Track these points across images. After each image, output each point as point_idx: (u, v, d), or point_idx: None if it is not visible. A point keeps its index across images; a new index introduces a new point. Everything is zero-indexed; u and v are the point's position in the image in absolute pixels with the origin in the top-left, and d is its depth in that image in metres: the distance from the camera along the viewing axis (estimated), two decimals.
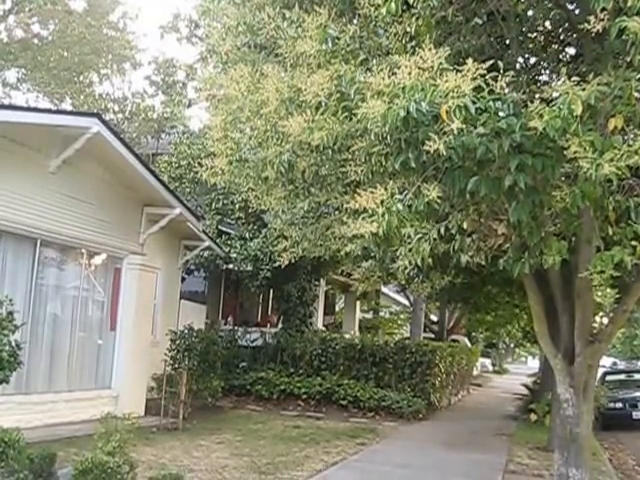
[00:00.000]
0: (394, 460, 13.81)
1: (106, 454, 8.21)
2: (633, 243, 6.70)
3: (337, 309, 37.45)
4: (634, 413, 23.92)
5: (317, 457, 13.30)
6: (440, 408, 23.27)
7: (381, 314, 41.18)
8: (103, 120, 14.56)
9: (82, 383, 15.45)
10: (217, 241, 21.26)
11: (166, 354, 16.85)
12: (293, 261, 11.55)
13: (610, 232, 7.21)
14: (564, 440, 8.78)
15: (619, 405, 23.84)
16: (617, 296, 8.44)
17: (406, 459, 14.03)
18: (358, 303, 34.09)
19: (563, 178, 6.49)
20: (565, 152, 5.76)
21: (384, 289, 35.23)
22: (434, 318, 39.29)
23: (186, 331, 17.45)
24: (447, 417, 22.59)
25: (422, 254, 6.96)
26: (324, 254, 11.45)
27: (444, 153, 5.84)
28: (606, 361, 53.08)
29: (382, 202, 6.17)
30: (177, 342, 17.21)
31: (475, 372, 41.74)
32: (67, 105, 33.73)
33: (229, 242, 22.16)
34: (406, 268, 7.50)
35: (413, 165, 6.24)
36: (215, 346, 18.04)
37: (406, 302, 36.86)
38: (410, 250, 6.98)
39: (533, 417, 20.84)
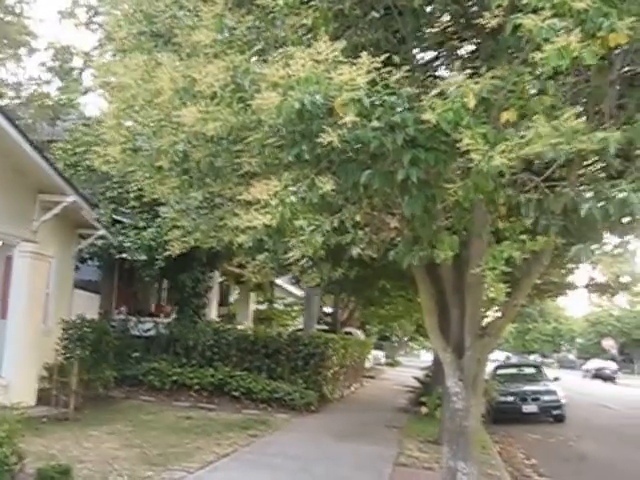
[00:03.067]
0: (286, 452, 13.82)
1: None
2: (522, 237, 6.83)
3: (231, 300, 37.27)
4: (524, 407, 24.66)
5: (208, 448, 13.18)
6: (333, 400, 23.40)
7: (275, 306, 41.20)
8: None
9: None
10: (111, 230, 20.91)
11: (58, 343, 16.49)
12: (186, 251, 11.40)
13: (500, 226, 7.34)
14: (453, 433, 8.87)
15: (510, 399, 24.36)
16: (508, 290, 8.61)
17: (298, 451, 14.05)
18: (252, 294, 34.01)
19: (457, 172, 6.55)
20: (458, 145, 5.79)
21: (278, 281, 35.17)
22: (328, 310, 39.49)
23: (78, 320, 17.10)
24: (339, 409, 22.72)
25: (314, 246, 6.94)
26: (217, 245, 11.34)
27: (338, 146, 5.82)
28: (499, 355, 54.37)
29: (276, 194, 6.12)
30: (69, 331, 16.87)
31: (368, 364, 42.10)
32: None
33: (123, 231, 21.73)
34: (299, 260, 7.46)
35: (307, 157, 6.19)
36: (107, 336, 17.74)
37: (300, 294, 36.93)
38: (303, 242, 6.95)
39: (424, 410, 21.09)
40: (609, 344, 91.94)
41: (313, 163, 6.45)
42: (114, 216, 22.48)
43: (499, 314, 9.48)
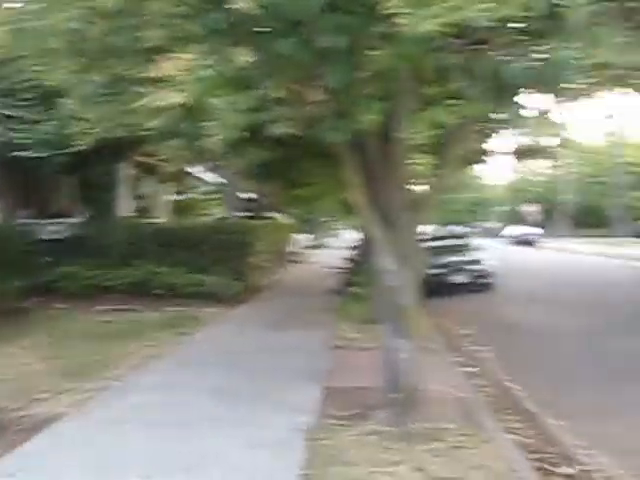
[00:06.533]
0: (219, 346, 13.84)
1: None
2: (450, 102, 6.70)
3: (146, 193, 36.71)
4: (452, 278, 25.88)
5: (136, 352, 12.98)
6: (261, 289, 23.46)
7: (194, 195, 40.76)
8: None
9: None
10: (5, 126, 19.99)
11: None
12: (93, 144, 10.92)
13: (427, 92, 7.20)
14: (390, 312, 8.86)
15: (438, 271, 24.91)
16: (436, 163, 8.54)
17: (232, 344, 14.11)
18: (168, 185, 33.47)
19: (380, 38, 6.30)
20: (379, 8, 5.54)
21: (195, 169, 34.72)
22: (249, 196, 39.26)
23: None
24: (269, 297, 22.82)
25: (232, 127, 6.69)
26: (127, 133, 10.83)
27: (254, 13, 5.52)
28: (427, 228, 55.19)
29: (188, 69, 5.80)
30: None
31: (293, 248, 42.29)
32: None
33: (19, 127, 20.90)
34: (218, 144, 7.19)
35: (219, 27, 5.86)
36: (12, 242, 17.13)
37: (220, 181, 36.55)
38: (220, 123, 6.68)
39: (355, 290, 21.25)
40: (530, 210, 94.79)
41: (227, 34, 6.11)
42: (5, 111, 21.53)
43: (428, 186, 9.43)
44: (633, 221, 76.80)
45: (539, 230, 79.96)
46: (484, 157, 24.58)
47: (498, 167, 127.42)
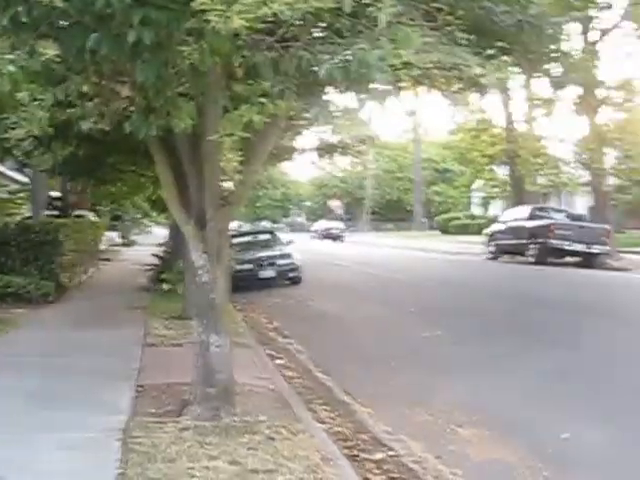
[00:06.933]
0: (28, 348, 13.27)
1: None
2: (261, 100, 6.70)
3: None
4: (261, 273, 26.37)
5: None
6: (71, 288, 22.82)
7: None
8: None
9: None
10: None
11: None
12: None
13: (237, 89, 7.19)
14: (202, 307, 8.82)
15: (247, 266, 25.30)
16: (245, 158, 8.53)
17: (42, 345, 13.54)
18: None
19: (190, 34, 6.24)
20: (191, 4, 5.49)
21: (1, 167, 33.39)
22: (57, 194, 38.11)
23: None
24: (79, 296, 22.17)
25: (39, 122, 6.46)
26: None
27: (59, 6, 5.32)
28: (236, 224, 55.55)
29: None
30: None
31: (103, 246, 41.42)
32: None
33: None
34: (23, 140, 6.93)
35: (24, 20, 5.62)
36: None
37: (25, 179, 35.30)
38: (25, 119, 6.43)
39: (166, 287, 20.98)
40: (335, 205, 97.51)
41: (31, 27, 5.87)
42: None
43: (238, 182, 9.43)
44: (430, 214, 79.94)
45: (344, 224, 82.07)
46: (293, 154, 24.97)
47: (306, 163, 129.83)
